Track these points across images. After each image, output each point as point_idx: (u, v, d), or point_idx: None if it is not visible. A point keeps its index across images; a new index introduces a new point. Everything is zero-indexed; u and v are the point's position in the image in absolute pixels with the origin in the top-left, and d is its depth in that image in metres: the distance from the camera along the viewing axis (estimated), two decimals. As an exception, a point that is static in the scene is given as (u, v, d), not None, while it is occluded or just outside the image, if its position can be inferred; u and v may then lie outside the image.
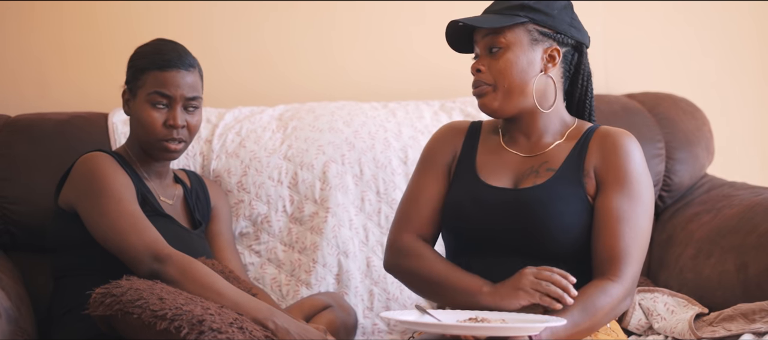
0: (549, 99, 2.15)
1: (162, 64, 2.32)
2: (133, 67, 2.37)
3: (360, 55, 3.18)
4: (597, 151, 2.12)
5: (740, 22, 3.40)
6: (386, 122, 2.86)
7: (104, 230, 2.21)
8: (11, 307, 2.30)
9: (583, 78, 2.20)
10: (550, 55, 2.13)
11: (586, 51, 2.19)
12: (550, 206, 2.07)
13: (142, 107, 2.33)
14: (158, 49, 2.36)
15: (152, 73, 2.32)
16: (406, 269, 2.17)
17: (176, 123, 2.32)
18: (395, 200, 2.75)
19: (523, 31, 2.12)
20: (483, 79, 2.13)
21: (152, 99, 2.32)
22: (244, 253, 2.70)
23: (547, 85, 2.14)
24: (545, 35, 2.12)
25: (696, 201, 2.88)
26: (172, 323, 1.91)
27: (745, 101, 3.44)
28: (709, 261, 2.62)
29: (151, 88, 2.32)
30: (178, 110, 2.32)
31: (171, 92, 2.31)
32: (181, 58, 2.34)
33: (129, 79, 2.37)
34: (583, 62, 2.19)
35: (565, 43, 2.14)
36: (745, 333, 2.33)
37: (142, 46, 2.41)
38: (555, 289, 1.96)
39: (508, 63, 2.11)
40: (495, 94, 2.13)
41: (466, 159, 2.20)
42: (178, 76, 2.32)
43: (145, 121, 2.32)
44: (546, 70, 2.13)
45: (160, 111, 2.32)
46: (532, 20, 2.11)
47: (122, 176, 2.28)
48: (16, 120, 2.73)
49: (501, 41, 2.11)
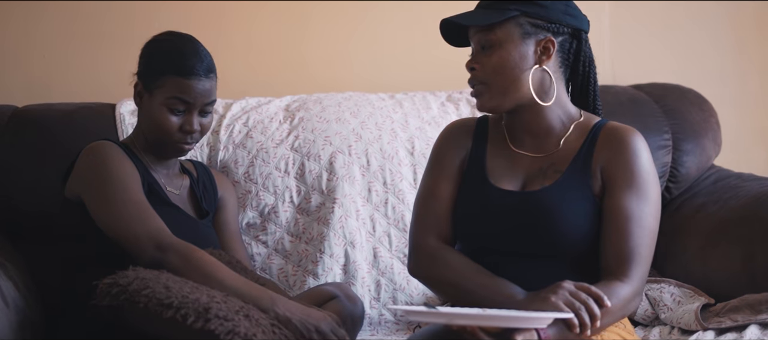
0: (548, 92, 2.11)
1: (184, 70, 2.30)
2: (152, 65, 2.34)
3: (367, 46, 3.18)
4: (604, 150, 2.09)
5: (747, 14, 3.39)
6: (393, 113, 2.86)
7: (109, 218, 2.21)
8: (19, 297, 2.31)
9: (584, 65, 2.15)
10: (544, 47, 2.08)
11: (586, 36, 2.14)
12: (558, 208, 2.05)
13: (159, 109, 2.32)
14: (180, 52, 2.33)
15: (173, 78, 2.30)
16: (433, 276, 2.13)
17: (192, 129, 2.33)
18: (402, 191, 2.75)
19: (514, 25, 2.07)
20: (477, 77, 2.10)
21: (171, 104, 2.31)
22: (251, 243, 2.70)
23: (543, 79, 2.10)
24: (538, 27, 2.07)
25: (703, 192, 2.88)
26: (178, 312, 1.91)
27: (753, 92, 3.43)
28: (716, 252, 2.62)
29: (170, 93, 2.31)
30: (194, 116, 2.33)
31: (191, 99, 2.31)
32: (203, 64, 2.32)
33: (145, 73, 2.35)
34: (583, 49, 2.13)
35: (560, 32, 2.10)
36: (752, 324, 2.33)
37: (159, 40, 2.38)
38: (592, 305, 1.92)
39: (500, 60, 2.07)
40: (490, 92, 2.10)
41: (476, 161, 2.17)
42: (199, 83, 2.31)
43: (160, 123, 2.32)
44: (541, 62, 2.08)
45: (176, 115, 2.32)
46: (524, 13, 2.06)
47: (128, 165, 2.28)
48: (23, 111, 2.73)
49: (492, 38, 2.07)
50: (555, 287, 1.95)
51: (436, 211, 2.16)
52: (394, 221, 2.74)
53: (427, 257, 2.14)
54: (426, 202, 2.18)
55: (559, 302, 1.92)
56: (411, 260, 2.18)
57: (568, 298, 1.93)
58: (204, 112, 2.35)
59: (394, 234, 2.73)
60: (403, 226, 2.73)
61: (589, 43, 2.15)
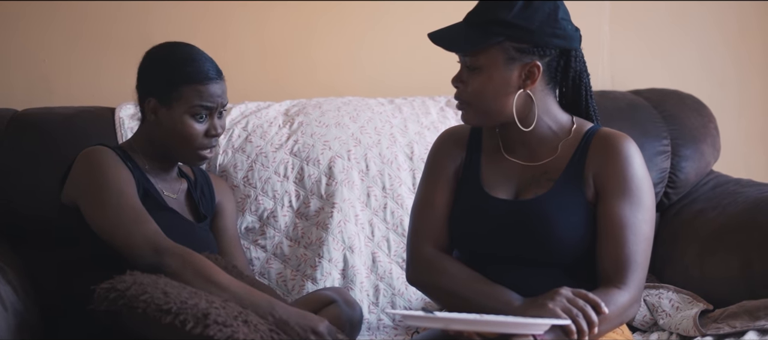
0: (530, 117, 2.08)
1: (202, 78, 2.32)
2: (164, 79, 2.34)
3: (366, 51, 3.18)
4: (596, 157, 2.08)
5: (747, 19, 3.39)
6: (392, 118, 2.86)
7: (105, 223, 2.21)
8: (17, 301, 2.31)
9: (574, 79, 2.11)
10: (528, 71, 2.04)
11: (576, 52, 2.09)
12: (552, 217, 2.05)
13: (182, 119, 2.33)
14: (192, 61, 2.34)
15: (193, 87, 2.31)
16: (432, 284, 2.14)
17: (217, 132, 2.35)
18: (401, 196, 2.75)
19: (498, 51, 2.03)
20: (460, 96, 2.09)
21: (194, 111, 2.32)
22: (249, 248, 2.71)
23: (526, 102, 2.07)
24: (524, 51, 2.03)
25: (701, 198, 2.88)
26: (177, 317, 1.92)
27: (752, 98, 3.44)
28: (714, 258, 2.62)
29: (193, 101, 2.32)
30: (216, 119, 2.35)
31: (213, 104, 2.33)
32: (214, 67, 2.36)
33: (158, 88, 2.34)
34: (572, 66, 2.09)
35: (547, 54, 2.05)
36: (750, 330, 2.33)
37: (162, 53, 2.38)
38: (590, 312, 1.92)
39: (481, 85, 2.05)
40: (474, 111, 2.09)
41: (470, 169, 2.17)
42: (217, 87, 2.34)
43: (186, 132, 2.33)
44: (525, 87, 2.05)
45: (200, 123, 2.34)
46: (509, 38, 2.02)
47: (123, 170, 2.28)
48: (23, 114, 2.73)
49: (475, 62, 2.05)
50: (552, 293, 1.95)
51: (433, 219, 2.16)
52: (393, 225, 2.74)
53: (425, 266, 2.14)
54: (422, 211, 2.18)
55: (556, 308, 1.92)
56: (409, 269, 2.18)
57: (565, 304, 1.93)
58: (220, 114, 2.38)
59: (392, 239, 2.73)
60: (402, 230, 2.73)
61: (582, 56, 2.11)
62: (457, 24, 2.09)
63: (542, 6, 2.03)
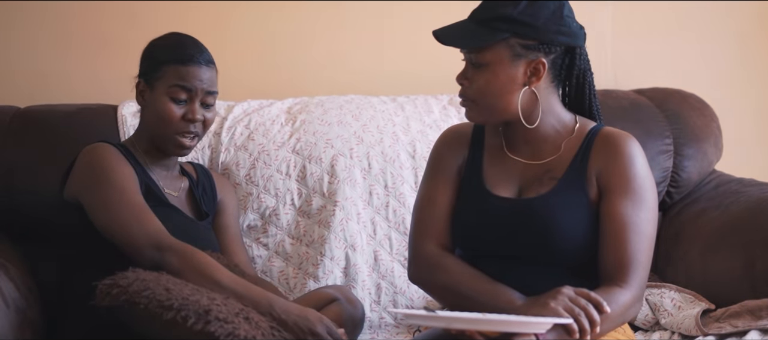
0: (534, 114, 2.09)
1: (184, 58, 2.33)
2: (152, 58, 2.37)
3: (369, 49, 3.18)
4: (599, 156, 2.08)
5: (749, 18, 3.39)
6: (395, 116, 2.86)
7: (107, 220, 2.22)
8: (19, 297, 2.31)
9: (578, 77, 2.11)
10: (534, 68, 2.04)
11: (581, 50, 2.09)
12: (554, 216, 2.05)
13: (161, 99, 2.33)
14: (179, 43, 2.37)
15: (173, 67, 2.33)
16: (433, 282, 2.13)
17: (194, 117, 2.34)
18: (403, 194, 2.75)
19: (504, 47, 2.03)
20: (465, 93, 2.09)
21: (172, 92, 2.33)
22: (251, 246, 2.71)
23: (531, 99, 2.07)
24: (529, 48, 2.04)
25: (704, 197, 2.88)
26: (178, 313, 1.92)
27: (754, 97, 3.43)
28: (717, 257, 2.62)
29: (171, 81, 2.33)
30: (196, 104, 2.34)
31: (192, 85, 2.33)
32: (202, 53, 2.36)
33: (146, 70, 2.38)
34: (577, 63, 2.09)
35: (553, 51, 2.06)
36: (752, 330, 2.33)
37: (158, 39, 2.42)
38: (592, 311, 1.92)
39: (487, 82, 2.05)
40: (478, 109, 2.09)
41: (473, 167, 2.17)
42: (200, 71, 2.34)
43: (163, 113, 2.33)
44: (530, 84, 2.06)
45: (179, 105, 2.33)
46: (515, 34, 2.02)
47: (125, 167, 2.29)
48: (25, 111, 2.74)
49: (480, 58, 2.05)
50: (554, 292, 1.95)
51: (435, 218, 2.16)
52: (395, 224, 2.74)
53: (427, 264, 2.14)
54: (425, 209, 2.18)
55: (558, 307, 1.92)
56: (411, 267, 2.18)
57: (567, 303, 1.93)
58: (206, 105, 2.37)
59: (394, 237, 2.73)
60: (404, 229, 2.73)
61: (586, 54, 2.12)
62: (462, 21, 2.10)
63: (547, 3, 2.04)
